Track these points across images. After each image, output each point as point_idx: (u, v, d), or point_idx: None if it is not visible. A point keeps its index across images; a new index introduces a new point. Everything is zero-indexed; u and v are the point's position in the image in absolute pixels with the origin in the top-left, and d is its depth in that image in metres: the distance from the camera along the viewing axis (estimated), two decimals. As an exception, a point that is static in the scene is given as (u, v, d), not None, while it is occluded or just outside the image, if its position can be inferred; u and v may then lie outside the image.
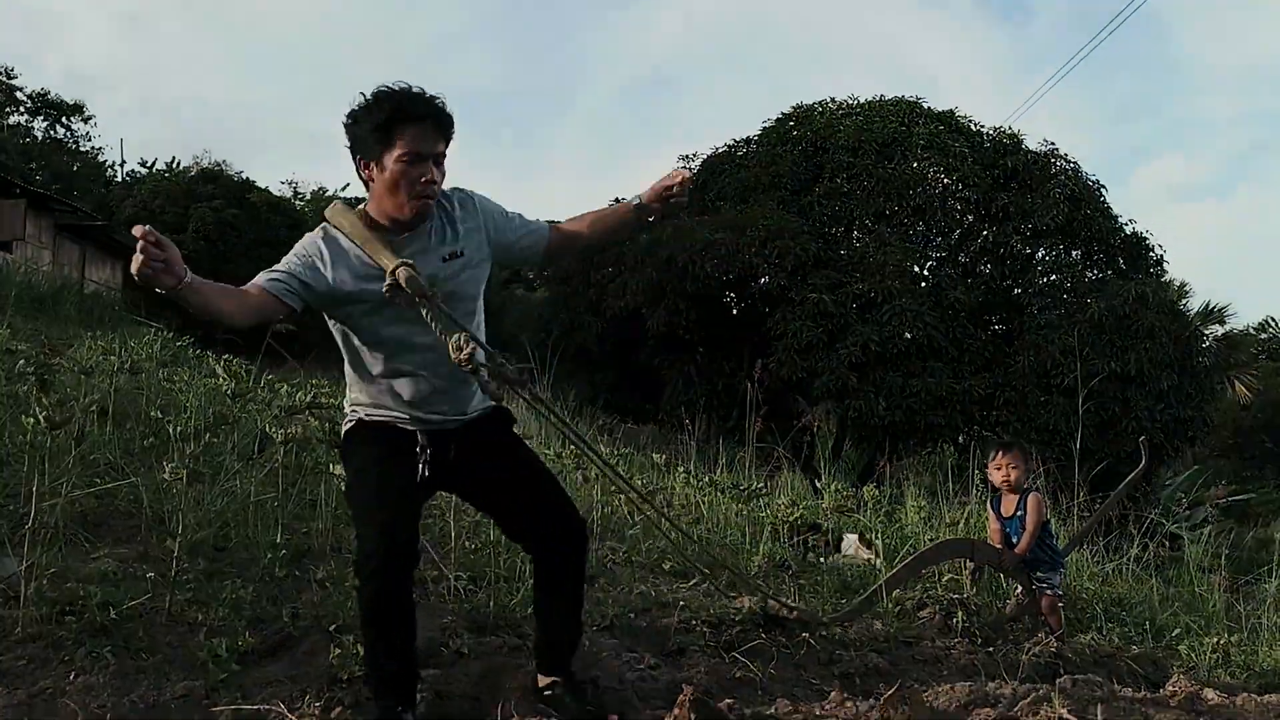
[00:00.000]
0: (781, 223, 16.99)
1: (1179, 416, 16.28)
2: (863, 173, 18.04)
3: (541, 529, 2.99)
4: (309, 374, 8.04)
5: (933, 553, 4.81)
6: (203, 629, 3.42)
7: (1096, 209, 18.02)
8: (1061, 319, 16.79)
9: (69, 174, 37.14)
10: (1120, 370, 15.91)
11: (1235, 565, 8.30)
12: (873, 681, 4.01)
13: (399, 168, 2.67)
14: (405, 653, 2.76)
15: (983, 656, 4.30)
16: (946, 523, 6.76)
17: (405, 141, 2.65)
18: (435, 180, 2.71)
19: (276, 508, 4.40)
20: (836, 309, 16.24)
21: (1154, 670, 4.85)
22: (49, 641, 3.16)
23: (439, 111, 2.70)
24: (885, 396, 16.11)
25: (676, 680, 3.63)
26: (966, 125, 18.87)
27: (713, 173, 19.80)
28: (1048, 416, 16.08)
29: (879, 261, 16.77)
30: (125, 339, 8.75)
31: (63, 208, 21.36)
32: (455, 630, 3.66)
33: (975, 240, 18.30)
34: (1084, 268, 18.25)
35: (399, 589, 2.67)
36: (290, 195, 41.22)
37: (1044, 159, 18.50)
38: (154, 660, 3.15)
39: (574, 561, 3.04)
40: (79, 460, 4.39)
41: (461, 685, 3.37)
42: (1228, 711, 3.65)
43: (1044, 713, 3.15)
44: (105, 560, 3.74)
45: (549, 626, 3.12)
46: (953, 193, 18.15)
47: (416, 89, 2.69)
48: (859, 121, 18.70)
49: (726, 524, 6.12)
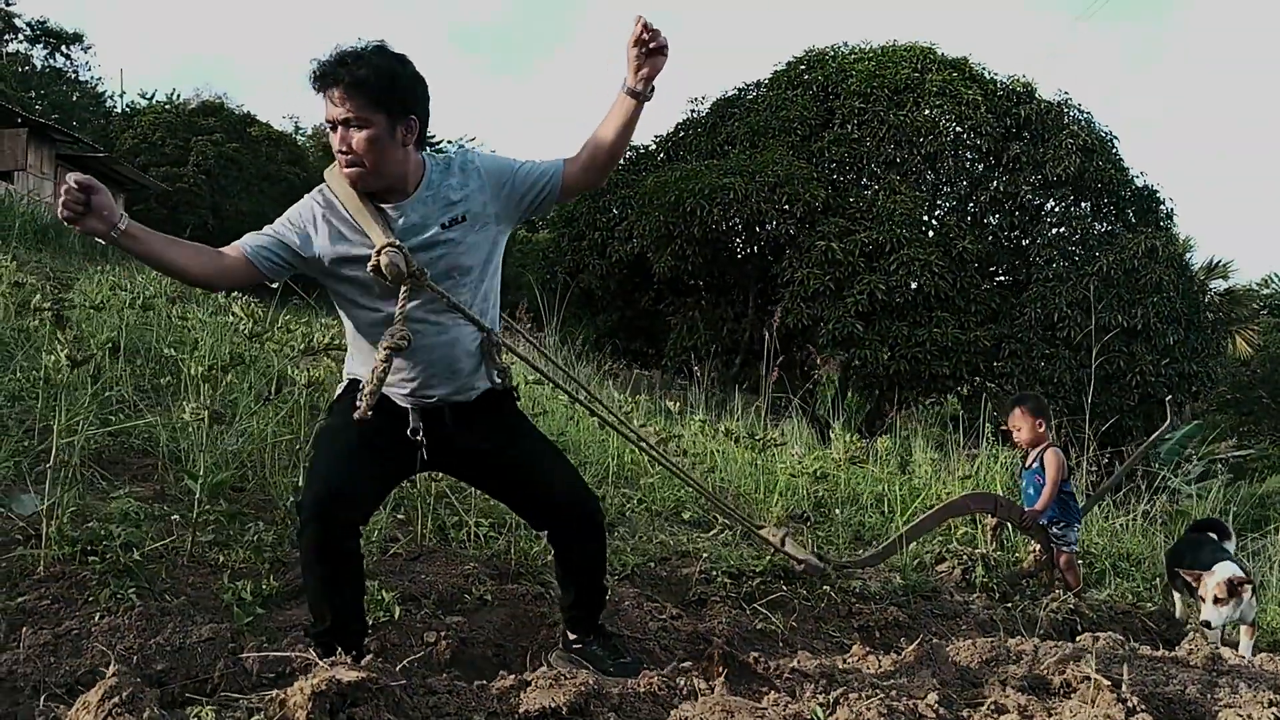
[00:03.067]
0: (791, 169, 16.81)
1: (1184, 372, 16.24)
2: (874, 119, 17.81)
3: (553, 513, 2.95)
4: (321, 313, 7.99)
5: (958, 505, 4.80)
6: (225, 571, 3.41)
7: (1108, 160, 17.83)
8: (1070, 271, 16.68)
9: (69, 104, 36.70)
10: (1127, 324, 15.84)
11: (1235, 521, 8.33)
12: (892, 635, 4.02)
13: (329, 136, 2.62)
14: (343, 607, 2.69)
15: (1001, 612, 4.32)
16: (958, 475, 6.74)
17: (325, 109, 2.59)
18: (353, 148, 2.56)
19: (296, 450, 4.37)
20: (845, 257, 16.12)
21: (1168, 627, 4.87)
22: (72, 581, 3.14)
23: (342, 75, 2.53)
24: (890, 346, 16.05)
25: (699, 631, 3.63)
26: (980, 73, 18.59)
27: (721, 116, 19.55)
28: (1052, 369, 16.05)
29: (888, 210, 16.61)
30: (133, 273, 8.67)
31: (64, 138, 21.13)
32: (478, 577, 3.65)
33: (985, 190, 18.12)
34: (1093, 220, 18.10)
35: (335, 538, 2.59)
36: (292, 130, 40.88)
37: (1057, 109, 18.26)
38: (178, 602, 3.13)
39: (591, 546, 3.00)
40: (93, 398, 4.34)
41: (486, 632, 3.37)
42: (1249, 672, 3.65)
43: (1071, 671, 3.14)
44: (124, 500, 3.71)
45: (573, 595, 3.10)
46: (964, 141, 17.93)
47: (336, 51, 2.57)
48: (871, 67, 18.41)
49: (740, 474, 6.10)
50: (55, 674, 2.70)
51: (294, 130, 41.39)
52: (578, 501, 2.95)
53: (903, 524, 6.01)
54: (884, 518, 6.22)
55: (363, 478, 2.68)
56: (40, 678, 2.67)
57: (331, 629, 2.67)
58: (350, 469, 2.64)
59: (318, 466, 2.69)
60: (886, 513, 6.25)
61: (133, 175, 23.87)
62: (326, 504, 2.54)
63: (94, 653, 2.79)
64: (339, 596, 2.66)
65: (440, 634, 3.24)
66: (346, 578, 2.67)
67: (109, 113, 38.17)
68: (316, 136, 43.77)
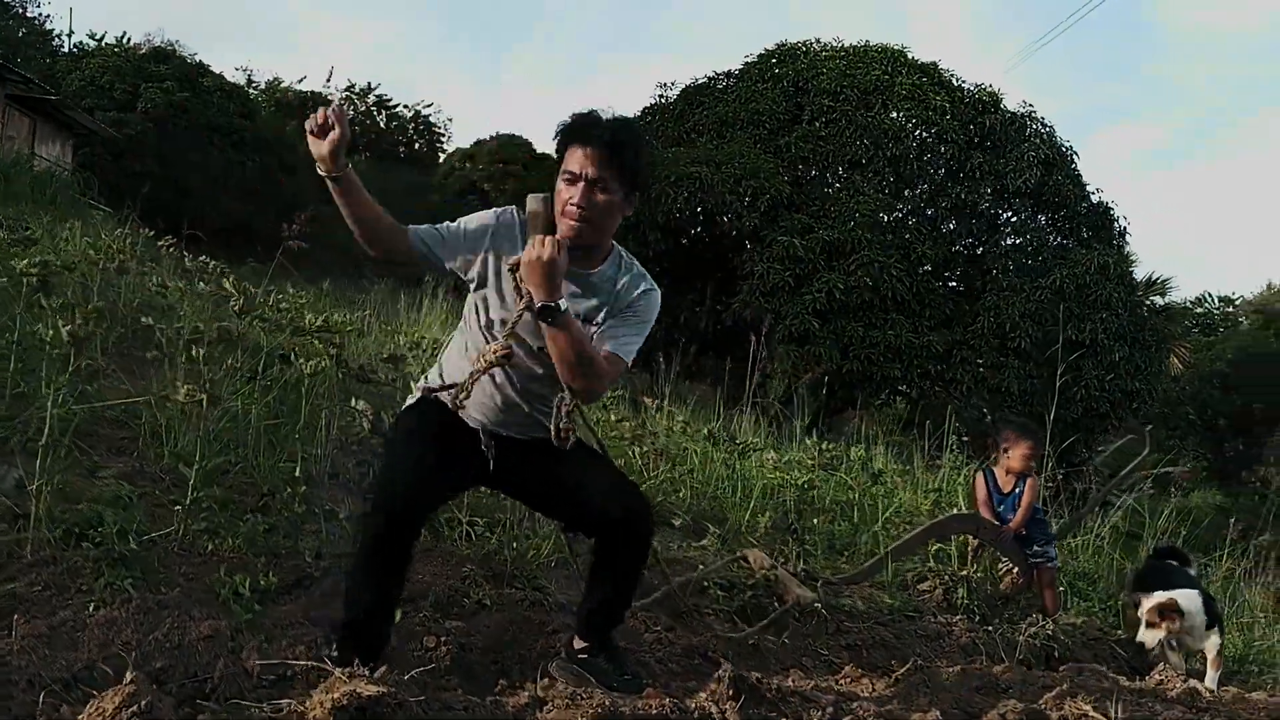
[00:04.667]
0: (758, 162, 16.83)
1: (1127, 389, 16.58)
2: (842, 118, 17.88)
3: (604, 514, 2.93)
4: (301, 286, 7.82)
5: (941, 526, 4.85)
6: (220, 563, 3.31)
7: (1067, 175, 18.11)
8: (1024, 283, 16.92)
9: (15, 40, 35.51)
10: (1076, 339, 16.11)
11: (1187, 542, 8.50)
12: (879, 655, 4.03)
13: (559, 184, 2.74)
14: (379, 602, 2.73)
15: (982, 635, 4.35)
16: (927, 488, 6.80)
17: (567, 160, 2.72)
18: (583, 205, 2.69)
19: (284, 434, 4.27)
20: (805, 254, 16.19)
21: (1136, 654, 4.95)
22: (64, 567, 3.03)
23: (602, 136, 2.70)
24: (844, 346, 16.17)
25: (693, 645, 3.62)
26: (949, 79, 18.75)
27: (690, 104, 19.52)
28: (1001, 378, 16.30)
29: (850, 209, 16.70)
30: (98, 231, 8.41)
31: (13, 77, 20.38)
32: (475, 579, 3.60)
33: (946, 196, 18.28)
34: (1050, 233, 18.38)
35: (398, 533, 2.65)
36: (245, 83, 40.00)
37: (1020, 120, 18.48)
38: (174, 594, 3.03)
39: (638, 544, 2.98)
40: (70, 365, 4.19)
41: (484, 638, 3.32)
42: (1228, 710, 3.73)
43: (1069, 707, 3.17)
44: (109, 481, 3.58)
45: (599, 600, 3.06)
46: (929, 147, 18.09)
47: (604, 113, 2.75)
48: (842, 66, 18.48)
49: (716, 476, 6.09)
50: (51, 668, 2.60)
51: (246, 83, 40.51)
52: (628, 495, 2.97)
53: (872, 533, 6.06)
54: (853, 526, 6.25)
55: (435, 481, 2.75)
56: (36, 671, 2.57)
57: (363, 620, 2.69)
58: (425, 470, 2.70)
59: (394, 463, 2.76)
60: (855, 521, 6.28)
61: (84, 120, 23.15)
62: (398, 499, 2.60)
63: (91, 646, 2.70)
64: (380, 590, 2.68)
65: (440, 639, 3.18)
66: (394, 574, 2.70)
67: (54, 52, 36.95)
68: (269, 91, 42.99)
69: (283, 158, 31.50)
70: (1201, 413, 34.94)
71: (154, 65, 31.31)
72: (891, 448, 8.52)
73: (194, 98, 30.23)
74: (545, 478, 2.97)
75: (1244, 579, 7.79)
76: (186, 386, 3.47)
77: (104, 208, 16.12)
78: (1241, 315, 43.94)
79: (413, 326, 9.19)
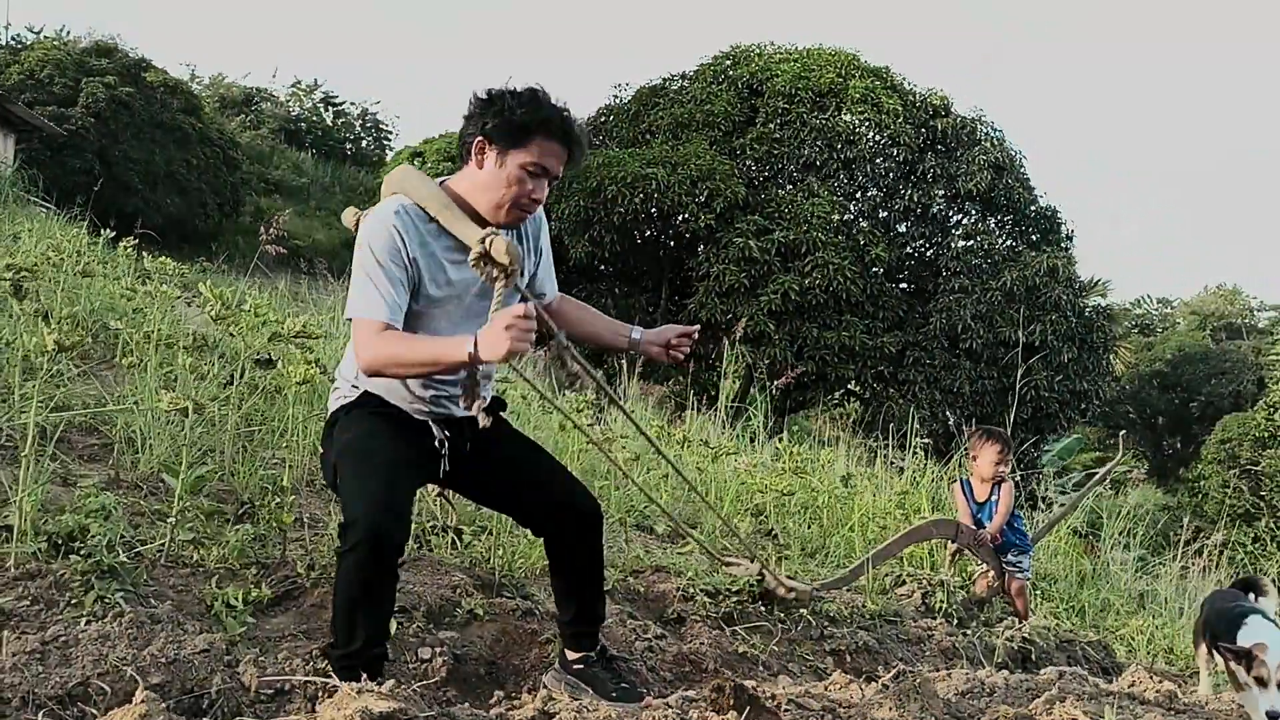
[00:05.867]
0: (713, 164, 16.90)
1: (1075, 389, 16.88)
2: (796, 120, 18.01)
3: (551, 513, 2.89)
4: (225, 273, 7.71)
5: (922, 531, 4.89)
6: (209, 575, 3.26)
7: (1017, 179, 18.39)
8: (975, 285, 17.15)
9: (-51, 31, 34.61)
10: (1026, 340, 16.37)
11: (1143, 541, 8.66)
12: (863, 659, 4.07)
13: (518, 173, 2.59)
14: (375, 630, 2.60)
15: (961, 639, 4.40)
16: (893, 490, 6.88)
17: (537, 152, 2.59)
18: (541, 200, 2.67)
19: (260, 439, 4.21)
20: (761, 255, 16.27)
21: (1105, 655, 5.05)
22: (51, 580, 2.96)
23: (578, 139, 2.66)
24: (799, 347, 16.29)
25: (684, 652, 3.62)
26: (901, 83, 18.96)
27: (644, 105, 19.52)
28: (953, 379, 16.51)
29: (805, 211, 16.82)
30: (52, 229, 8.23)
31: (-49, 71, 19.85)
32: (465, 589, 3.57)
33: (899, 199, 18.48)
34: (1000, 236, 18.65)
35: (387, 560, 2.51)
36: (188, 78, 39.32)
37: (971, 124, 18.74)
38: (165, 608, 2.97)
39: (589, 541, 2.92)
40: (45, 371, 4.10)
41: (477, 648, 3.30)
42: (1206, 711, 3.81)
43: (1059, 711, 3.23)
44: (89, 491, 3.50)
45: (575, 609, 3.01)
46: (881, 150, 18.27)
47: (565, 107, 2.64)
48: (796, 69, 18.60)
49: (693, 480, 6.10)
50: (46, 685, 2.54)
51: (190, 78, 39.82)
52: (574, 493, 2.92)
53: (844, 535, 6.11)
54: (823, 530, 6.30)
55: (407, 493, 2.65)
56: (30, 688, 2.51)
57: (359, 651, 2.58)
58: (396, 485, 2.56)
59: (362, 484, 2.55)
60: (826, 525, 6.33)
61: (26, 116, 22.63)
62: (382, 525, 2.44)
63: (85, 662, 2.64)
64: (374, 619, 2.56)
65: (435, 650, 3.16)
66: (385, 600, 2.59)
67: (-10, 44, 36.10)
68: (214, 86, 42.36)
69: (226, 153, 31.08)
70: (1140, 411, 35.74)
71: (95, 59, 30.71)
72: (852, 450, 8.59)
73: (137, 93, 29.68)
74: (495, 471, 2.89)
75: (1201, 577, 7.98)
76: (170, 395, 3.40)
77: (47, 204, 15.77)
78: (1179, 317, 45.02)
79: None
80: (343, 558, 2.49)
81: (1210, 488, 20.91)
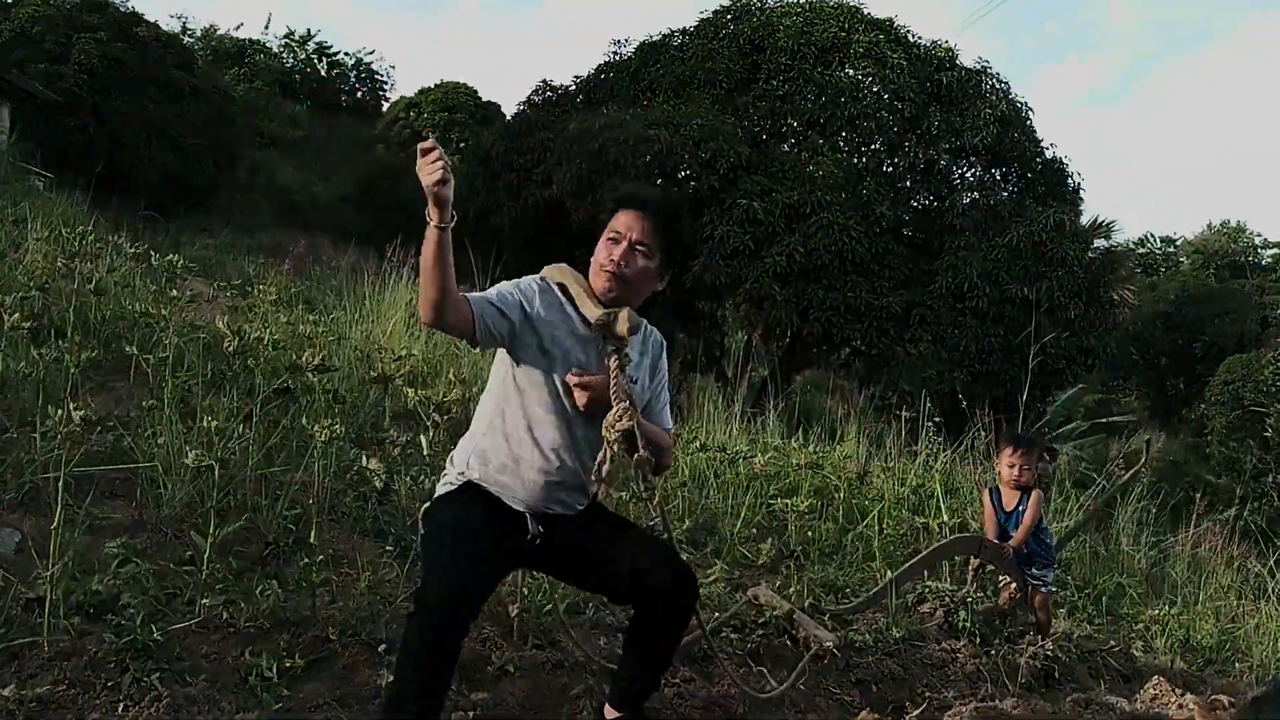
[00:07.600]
0: (717, 124, 16.67)
1: (1082, 345, 16.78)
2: (800, 77, 17.74)
3: (647, 584, 2.90)
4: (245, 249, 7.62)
5: (944, 549, 4.89)
6: (239, 639, 3.26)
7: (1023, 132, 18.15)
8: (980, 241, 16.97)
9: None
10: (1033, 298, 16.25)
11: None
12: (888, 688, 4.09)
13: (602, 242, 2.92)
14: (432, 702, 2.66)
15: (985, 660, 4.42)
16: (910, 485, 6.87)
17: (616, 222, 2.90)
18: (625, 262, 2.86)
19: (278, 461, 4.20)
20: (765, 217, 16.11)
21: (1126, 662, 5.07)
22: (85, 659, 2.97)
23: (655, 205, 2.91)
24: (804, 309, 16.18)
25: (713, 696, 3.65)
26: (905, 36, 18.66)
27: (645, 61, 19.25)
28: (959, 337, 16.42)
29: (810, 171, 16.65)
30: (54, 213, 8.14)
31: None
32: (493, 642, 3.59)
33: (904, 155, 18.26)
34: (1006, 191, 18.46)
35: (451, 634, 2.59)
36: (179, 30, 38.75)
37: (976, 76, 18.47)
38: (200, 684, 2.98)
39: (681, 614, 2.98)
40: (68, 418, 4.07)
41: (510, 707, 3.32)
42: (1227, 737, 3.84)
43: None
44: (115, 548, 3.49)
45: (636, 669, 3.07)
46: (886, 105, 18.00)
47: (657, 187, 2.79)
48: (799, 23, 18.28)
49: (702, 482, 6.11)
50: (88, 782, 2.56)
51: (181, 31, 39.25)
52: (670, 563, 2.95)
53: (859, 533, 6.12)
54: (838, 525, 6.31)
55: (484, 577, 2.75)
56: (71, 785, 2.53)
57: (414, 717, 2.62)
58: (475, 566, 2.68)
59: (442, 560, 2.69)
60: (840, 521, 6.33)
61: (20, 83, 22.35)
62: (450, 599, 2.56)
63: (125, 755, 2.65)
64: (431, 691, 2.62)
65: (469, 714, 3.18)
66: (445, 673, 2.65)
67: (-22, 0, 35.52)
68: (205, 38, 41.78)
69: (222, 109, 30.71)
70: (1144, 352, 35.65)
71: (86, 15, 30.26)
72: (864, 431, 8.55)
73: (129, 48, 29.26)
74: (584, 551, 2.96)
75: (1216, 553, 7.98)
76: (195, 452, 3.38)
77: (45, 174, 15.65)
78: (1182, 255, 44.79)
79: (378, 312, 8.94)
80: (411, 618, 2.60)
81: (1214, 428, 20.93)
